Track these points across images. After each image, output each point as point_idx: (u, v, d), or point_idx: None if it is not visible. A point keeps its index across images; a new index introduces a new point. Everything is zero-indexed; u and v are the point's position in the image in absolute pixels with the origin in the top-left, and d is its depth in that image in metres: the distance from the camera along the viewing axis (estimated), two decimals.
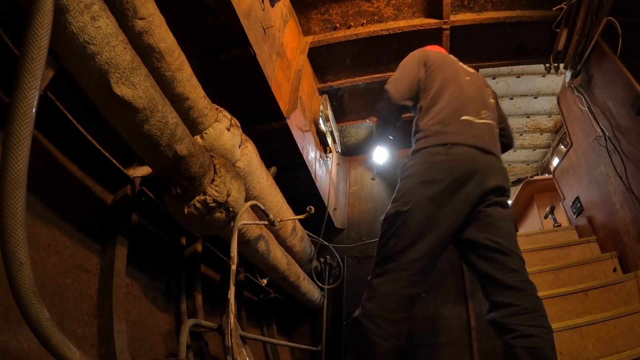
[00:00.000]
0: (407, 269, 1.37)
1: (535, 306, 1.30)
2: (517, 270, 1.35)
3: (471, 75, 1.80)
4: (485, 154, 1.50)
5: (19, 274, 0.62)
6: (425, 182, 1.44)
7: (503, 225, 1.43)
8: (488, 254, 1.40)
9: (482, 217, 1.44)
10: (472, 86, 1.73)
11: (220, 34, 1.60)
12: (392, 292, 1.34)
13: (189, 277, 1.84)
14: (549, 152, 6.30)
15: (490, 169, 1.48)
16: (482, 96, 1.71)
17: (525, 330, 1.26)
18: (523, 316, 1.29)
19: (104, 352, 1.15)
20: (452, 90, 1.66)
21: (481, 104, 1.66)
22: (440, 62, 1.78)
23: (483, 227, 1.43)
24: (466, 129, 1.53)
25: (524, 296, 1.31)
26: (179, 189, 1.23)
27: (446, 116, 1.57)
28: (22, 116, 0.62)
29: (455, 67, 1.79)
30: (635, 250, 2.33)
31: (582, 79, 2.60)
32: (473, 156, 1.47)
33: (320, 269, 2.79)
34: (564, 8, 2.36)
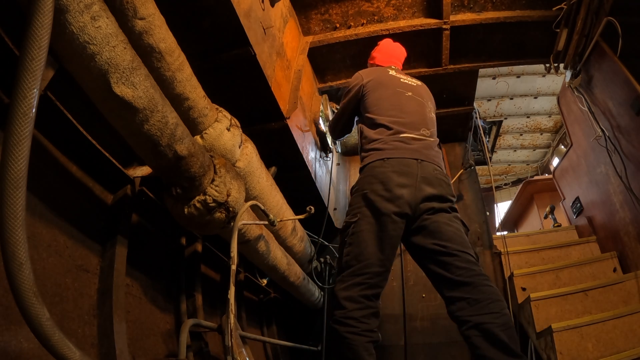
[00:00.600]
0: (362, 274, 1.48)
1: (484, 295, 1.38)
2: (464, 267, 1.45)
3: (413, 90, 1.91)
4: (421, 162, 1.62)
5: (19, 274, 0.62)
6: (368, 193, 1.57)
7: (449, 229, 1.53)
8: (437, 257, 1.50)
9: (428, 224, 1.55)
10: (413, 103, 1.85)
11: (220, 34, 1.60)
12: (352, 295, 1.45)
13: (189, 277, 1.84)
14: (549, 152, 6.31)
15: (426, 176, 1.59)
16: (422, 112, 1.83)
17: (475, 319, 1.35)
18: (473, 307, 1.37)
19: (104, 352, 1.15)
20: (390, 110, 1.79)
21: (421, 121, 1.78)
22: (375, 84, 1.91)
23: (429, 233, 1.54)
24: (403, 145, 1.66)
25: (473, 288, 1.40)
26: (179, 189, 1.23)
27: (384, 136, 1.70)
28: (22, 116, 0.62)
29: (394, 85, 1.90)
30: (635, 250, 2.33)
31: (582, 79, 2.60)
32: (408, 165, 1.60)
33: (320, 269, 2.79)
34: (564, 8, 2.36)
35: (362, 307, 1.44)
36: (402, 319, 2.81)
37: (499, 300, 1.39)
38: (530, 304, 2.21)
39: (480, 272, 1.46)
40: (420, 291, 2.88)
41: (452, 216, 1.59)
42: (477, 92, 3.35)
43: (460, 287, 1.42)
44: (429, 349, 2.68)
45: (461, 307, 1.41)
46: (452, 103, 3.23)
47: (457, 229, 1.56)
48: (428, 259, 1.55)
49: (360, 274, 1.48)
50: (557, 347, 1.87)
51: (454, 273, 1.45)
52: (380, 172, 1.60)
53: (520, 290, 2.52)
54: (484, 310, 1.35)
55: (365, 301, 1.45)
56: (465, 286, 1.42)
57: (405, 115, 1.77)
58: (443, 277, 1.48)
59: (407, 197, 1.54)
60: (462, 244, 1.52)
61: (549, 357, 1.95)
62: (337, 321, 1.45)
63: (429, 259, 1.54)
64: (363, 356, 1.37)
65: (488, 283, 1.43)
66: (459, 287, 1.43)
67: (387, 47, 2.27)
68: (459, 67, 2.83)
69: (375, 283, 1.48)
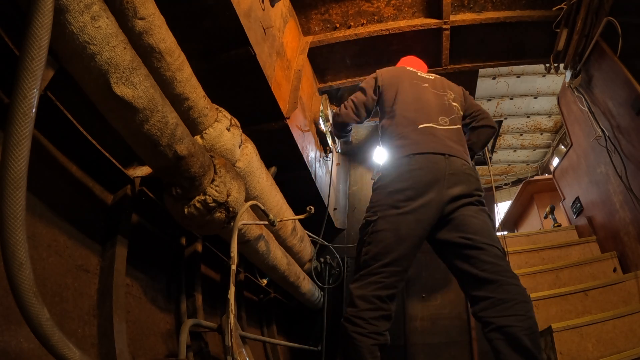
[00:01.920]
0: (379, 274, 1.46)
1: (509, 296, 1.32)
2: (491, 262, 1.39)
3: (430, 82, 1.91)
4: (448, 158, 1.58)
5: (19, 274, 0.62)
6: (391, 192, 1.55)
7: (475, 221, 1.49)
8: (462, 252, 1.45)
9: (454, 217, 1.51)
10: (430, 94, 1.83)
11: (220, 34, 1.60)
12: (365, 294, 1.43)
13: (189, 277, 1.84)
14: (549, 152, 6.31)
15: (454, 173, 1.55)
16: (441, 102, 1.81)
17: (499, 321, 1.29)
18: (497, 308, 1.32)
19: (104, 352, 1.15)
20: (408, 102, 1.78)
21: (440, 111, 1.76)
22: (391, 79, 1.94)
23: (455, 226, 1.50)
24: (425, 137, 1.63)
25: (498, 287, 1.35)
26: (179, 189, 1.23)
27: (405, 128, 1.68)
28: (22, 116, 0.62)
29: (411, 78, 1.91)
30: (635, 250, 2.33)
31: (582, 79, 2.60)
32: (435, 162, 1.55)
33: (320, 269, 2.79)
34: (564, 8, 2.36)
35: (373, 308, 1.42)
36: (402, 319, 2.81)
37: (525, 301, 1.33)
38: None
39: (507, 269, 1.40)
40: (420, 291, 2.88)
41: (478, 209, 1.54)
42: (477, 92, 3.35)
43: (485, 285, 1.37)
44: (429, 349, 2.68)
45: (485, 307, 1.36)
46: None
47: (484, 221, 1.51)
48: (453, 254, 1.50)
49: (376, 272, 1.46)
50: (557, 347, 1.87)
51: (480, 268, 1.39)
52: (407, 171, 1.56)
53: None
54: (508, 312, 1.30)
55: (377, 302, 1.43)
56: (490, 284, 1.36)
57: (423, 106, 1.75)
58: (468, 274, 1.43)
59: (434, 196, 1.50)
60: (490, 236, 1.47)
61: (549, 357, 1.95)
62: (347, 319, 1.44)
63: (455, 254, 1.49)
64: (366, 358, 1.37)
65: (515, 282, 1.38)
66: (484, 285, 1.38)
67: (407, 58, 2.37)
68: (459, 67, 2.83)
69: (390, 283, 1.46)
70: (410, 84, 1.87)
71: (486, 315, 1.34)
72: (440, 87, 1.90)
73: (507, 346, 1.26)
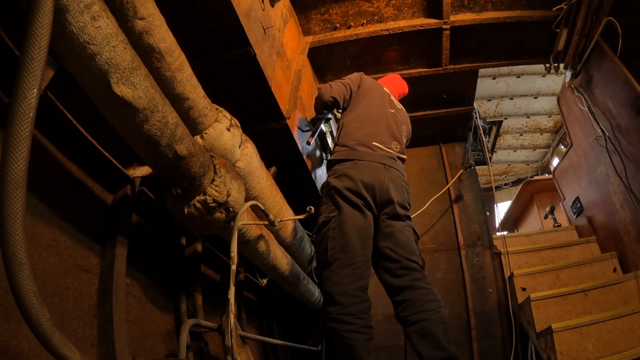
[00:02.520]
0: (351, 264, 1.51)
1: (421, 296, 1.48)
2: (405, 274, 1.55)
3: (397, 110, 2.06)
4: (388, 168, 1.73)
5: (19, 274, 0.62)
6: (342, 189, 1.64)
7: (400, 236, 1.63)
8: (385, 263, 1.60)
9: (384, 226, 1.65)
10: (392, 120, 1.97)
11: (221, 34, 1.60)
12: (345, 289, 1.46)
13: (189, 277, 1.84)
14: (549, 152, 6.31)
15: (392, 180, 1.70)
16: (398, 131, 1.96)
17: (413, 318, 1.44)
18: (411, 307, 1.47)
19: (104, 352, 1.15)
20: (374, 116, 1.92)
21: (394, 138, 1.90)
22: (370, 86, 2.07)
23: (384, 236, 1.63)
24: (374, 152, 1.77)
25: (413, 291, 1.50)
26: (179, 189, 1.23)
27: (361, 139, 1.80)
28: (22, 116, 0.62)
29: (383, 98, 2.05)
30: (635, 250, 2.33)
31: (582, 79, 2.60)
32: (376, 168, 1.71)
33: None
34: (564, 8, 2.36)
35: (358, 301, 1.44)
36: None
37: (435, 300, 1.49)
38: (530, 304, 2.21)
39: (419, 277, 1.55)
40: None
41: (405, 224, 1.70)
42: (477, 92, 3.35)
43: (401, 291, 1.52)
44: None
45: (402, 308, 1.49)
46: (452, 103, 3.23)
47: (408, 237, 1.67)
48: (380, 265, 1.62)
49: (348, 264, 1.50)
50: (557, 347, 1.87)
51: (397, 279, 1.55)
52: (351, 172, 1.69)
53: (520, 290, 2.52)
54: (420, 309, 1.44)
55: (360, 294, 1.46)
56: (405, 290, 1.51)
57: (383, 128, 1.89)
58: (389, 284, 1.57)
59: (374, 195, 1.65)
60: (410, 252, 1.61)
61: (549, 357, 1.95)
62: (332, 319, 1.41)
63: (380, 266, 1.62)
64: (363, 356, 1.34)
65: (426, 286, 1.53)
66: (400, 292, 1.52)
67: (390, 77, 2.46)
68: (459, 67, 2.83)
69: (363, 272, 1.52)
70: (381, 101, 2.02)
71: (404, 315, 1.47)
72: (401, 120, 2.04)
73: (419, 337, 1.40)
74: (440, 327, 1.41)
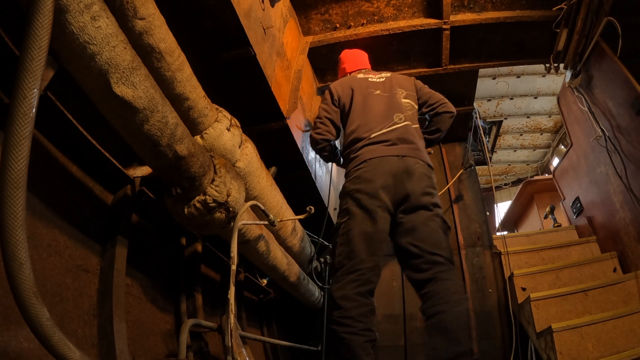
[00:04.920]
0: (355, 271, 1.52)
1: (442, 288, 1.45)
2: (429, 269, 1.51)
3: (381, 86, 1.95)
4: (402, 158, 1.66)
5: (19, 274, 0.62)
6: (353, 192, 1.63)
7: (424, 229, 1.57)
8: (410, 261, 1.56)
9: (405, 222, 1.59)
10: (381, 98, 1.89)
11: (221, 34, 1.60)
12: (347, 294, 1.48)
13: (189, 277, 1.84)
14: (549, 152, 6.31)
15: (408, 171, 1.63)
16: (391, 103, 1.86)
17: (431, 310, 1.42)
18: (431, 300, 1.45)
19: (104, 352, 1.15)
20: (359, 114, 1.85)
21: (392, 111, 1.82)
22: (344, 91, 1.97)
23: (406, 231, 1.58)
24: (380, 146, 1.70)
25: (435, 283, 1.47)
26: (179, 189, 1.23)
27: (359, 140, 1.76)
28: (22, 116, 0.62)
29: (362, 87, 1.95)
30: (635, 250, 2.32)
31: (582, 79, 2.60)
32: (389, 162, 1.65)
33: (320, 269, 2.78)
34: (564, 8, 2.36)
35: (357, 304, 1.46)
36: (402, 319, 2.81)
37: (457, 292, 1.46)
38: (530, 304, 2.21)
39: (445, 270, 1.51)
40: None
41: (431, 215, 1.61)
42: (477, 92, 3.35)
43: (425, 283, 1.50)
44: None
45: (425, 301, 1.48)
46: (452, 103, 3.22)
47: (433, 229, 1.59)
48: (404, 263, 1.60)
49: (352, 271, 1.52)
50: (557, 347, 1.87)
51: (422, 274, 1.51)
52: (364, 172, 1.65)
53: (520, 290, 2.52)
54: (439, 301, 1.42)
55: (360, 298, 1.48)
56: (429, 282, 1.49)
57: (375, 115, 1.82)
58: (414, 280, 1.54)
59: (390, 192, 1.60)
60: (435, 245, 1.55)
61: (548, 357, 1.95)
62: (334, 321, 1.47)
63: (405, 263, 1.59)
64: (361, 356, 1.39)
65: (450, 278, 1.50)
66: (424, 285, 1.50)
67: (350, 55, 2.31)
68: (459, 67, 2.83)
69: (368, 279, 1.52)
70: (360, 94, 1.92)
71: (425, 308, 1.46)
72: (389, 87, 1.94)
73: (435, 331, 1.38)
74: (457, 320, 1.38)
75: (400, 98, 1.90)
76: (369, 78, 2.01)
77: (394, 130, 1.75)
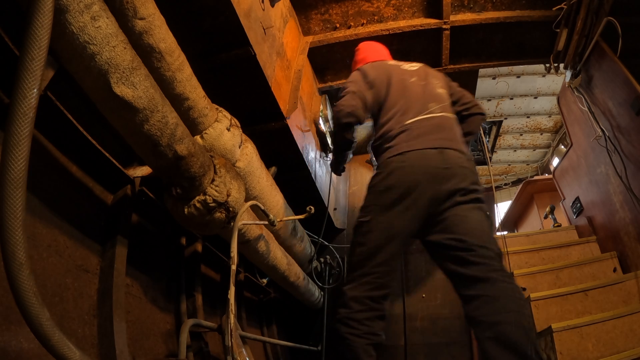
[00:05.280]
0: (372, 274, 1.44)
1: (501, 293, 1.25)
2: (482, 263, 1.33)
3: (415, 74, 1.79)
4: (442, 151, 1.49)
5: (19, 274, 0.62)
6: (382, 192, 1.50)
7: (469, 223, 1.42)
8: (451, 253, 1.40)
9: (445, 218, 1.44)
10: (416, 86, 1.72)
11: (221, 34, 1.60)
12: (358, 296, 1.42)
13: (189, 277, 1.84)
14: (549, 152, 6.30)
15: (449, 167, 1.47)
16: (427, 91, 1.70)
17: (489, 319, 1.22)
18: (488, 306, 1.24)
19: (104, 352, 1.15)
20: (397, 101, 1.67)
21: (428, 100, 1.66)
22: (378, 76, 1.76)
23: (445, 228, 1.43)
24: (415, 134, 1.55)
25: (490, 286, 1.27)
26: (179, 189, 1.23)
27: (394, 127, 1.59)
28: (22, 116, 0.62)
29: (398, 73, 1.78)
30: (635, 250, 2.32)
31: (582, 79, 2.60)
32: (428, 158, 1.48)
33: (320, 269, 2.79)
34: (564, 8, 2.36)
35: (365, 309, 1.41)
36: (402, 319, 2.80)
37: (519, 297, 1.26)
38: (530, 304, 2.21)
39: (499, 268, 1.33)
40: (420, 291, 2.88)
41: (473, 207, 1.45)
42: (477, 92, 3.35)
43: (476, 283, 1.30)
44: (429, 349, 2.68)
45: (476, 306, 1.27)
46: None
47: (478, 221, 1.43)
48: (443, 255, 1.44)
49: (369, 273, 1.44)
50: (557, 347, 1.87)
51: (470, 269, 1.33)
52: (398, 168, 1.49)
53: None
54: (499, 309, 1.22)
55: (370, 303, 1.42)
56: (481, 282, 1.29)
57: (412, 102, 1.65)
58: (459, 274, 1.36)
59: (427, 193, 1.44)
60: (482, 237, 1.38)
61: (549, 357, 1.95)
62: (339, 320, 1.43)
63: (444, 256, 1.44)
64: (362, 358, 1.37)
65: (508, 280, 1.30)
66: (475, 284, 1.30)
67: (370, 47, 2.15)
68: (459, 67, 2.83)
69: (383, 283, 1.44)
70: (398, 80, 1.74)
71: (477, 315, 1.27)
72: (424, 76, 1.79)
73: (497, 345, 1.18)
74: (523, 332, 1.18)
75: (437, 88, 1.76)
76: (401, 66, 1.84)
77: (431, 119, 1.60)
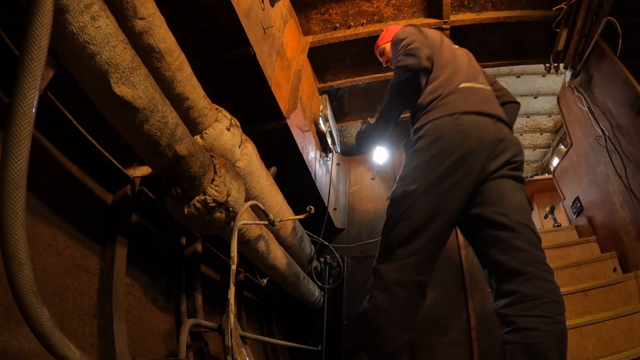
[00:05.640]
0: (417, 254, 1.26)
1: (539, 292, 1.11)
2: (523, 249, 1.17)
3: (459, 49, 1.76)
4: (497, 122, 1.38)
5: (19, 274, 0.62)
6: (433, 157, 1.32)
7: (514, 197, 1.28)
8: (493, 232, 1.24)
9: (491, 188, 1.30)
10: (464, 57, 1.67)
11: (220, 34, 1.60)
12: (404, 279, 1.24)
13: (189, 277, 1.84)
14: (549, 152, 6.30)
15: (503, 138, 1.34)
16: (472, 66, 1.65)
17: (522, 322, 1.09)
18: (522, 305, 1.11)
19: (104, 352, 1.15)
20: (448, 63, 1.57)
21: (476, 73, 1.59)
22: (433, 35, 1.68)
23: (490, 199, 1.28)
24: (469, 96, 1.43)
25: (527, 281, 1.13)
26: (179, 189, 1.23)
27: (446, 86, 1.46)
28: (22, 116, 0.62)
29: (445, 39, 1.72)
30: (635, 250, 2.33)
31: (582, 79, 2.60)
32: (484, 125, 1.35)
33: (320, 269, 2.79)
34: (564, 8, 2.36)
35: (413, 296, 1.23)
36: None
37: (557, 302, 1.12)
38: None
39: (541, 260, 1.18)
40: None
41: (516, 185, 1.33)
42: None
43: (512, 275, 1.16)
44: (429, 349, 2.68)
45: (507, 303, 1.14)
46: None
47: (523, 200, 1.31)
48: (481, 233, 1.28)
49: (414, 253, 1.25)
50: None
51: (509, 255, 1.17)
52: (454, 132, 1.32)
53: None
54: (535, 312, 1.09)
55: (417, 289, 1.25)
56: (518, 276, 1.15)
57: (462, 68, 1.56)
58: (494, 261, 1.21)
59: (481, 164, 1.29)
60: (527, 218, 1.25)
61: None
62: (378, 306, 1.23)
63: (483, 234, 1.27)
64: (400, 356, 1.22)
65: (549, 278, 1.16)
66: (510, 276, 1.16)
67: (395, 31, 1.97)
68: None
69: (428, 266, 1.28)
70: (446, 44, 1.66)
71: (508, 313, 1.13)
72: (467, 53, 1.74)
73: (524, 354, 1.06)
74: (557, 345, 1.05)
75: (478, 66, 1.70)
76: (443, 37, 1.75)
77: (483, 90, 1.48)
